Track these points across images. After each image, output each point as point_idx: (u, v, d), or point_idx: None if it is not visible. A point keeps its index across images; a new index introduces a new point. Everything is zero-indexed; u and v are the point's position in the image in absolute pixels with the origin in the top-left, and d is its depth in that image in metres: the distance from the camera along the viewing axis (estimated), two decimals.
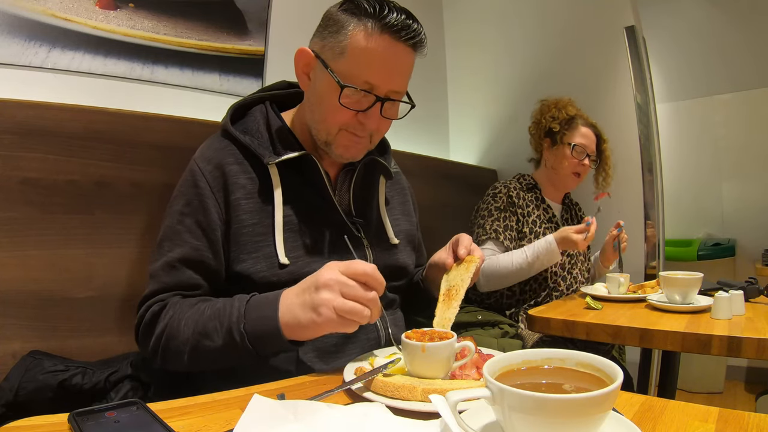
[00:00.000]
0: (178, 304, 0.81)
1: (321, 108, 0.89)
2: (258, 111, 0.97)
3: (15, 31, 1.13)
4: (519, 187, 1.83)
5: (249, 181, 0.89)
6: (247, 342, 0.73)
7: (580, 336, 1.20)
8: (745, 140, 3.12)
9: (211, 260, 0.86)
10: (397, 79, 0.87)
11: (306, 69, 0.91)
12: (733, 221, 3.15)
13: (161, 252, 0.86)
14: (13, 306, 0.98)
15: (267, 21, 1.64)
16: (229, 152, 0.90)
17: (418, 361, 0.67)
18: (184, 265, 0.84)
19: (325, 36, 0.86)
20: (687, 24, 3.29)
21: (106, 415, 0.53)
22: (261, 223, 0.87)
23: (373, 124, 0.88)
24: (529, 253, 1.61)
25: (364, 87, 0.84)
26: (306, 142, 0.95)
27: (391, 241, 1.02)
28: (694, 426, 0.53)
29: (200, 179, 0.87)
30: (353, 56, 0.83)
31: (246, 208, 0.87)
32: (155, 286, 0.85)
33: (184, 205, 0.87)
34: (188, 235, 0.85)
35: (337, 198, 0.97)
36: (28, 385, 0.91)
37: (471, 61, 2.65)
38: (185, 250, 0.84)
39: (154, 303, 0.83)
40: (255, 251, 0.86)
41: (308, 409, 0.54)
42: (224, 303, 0.78)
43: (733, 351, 0.99)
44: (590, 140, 1.82)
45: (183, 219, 0.86)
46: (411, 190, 1.18)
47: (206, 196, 0.86)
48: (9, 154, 0.98)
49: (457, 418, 0.44)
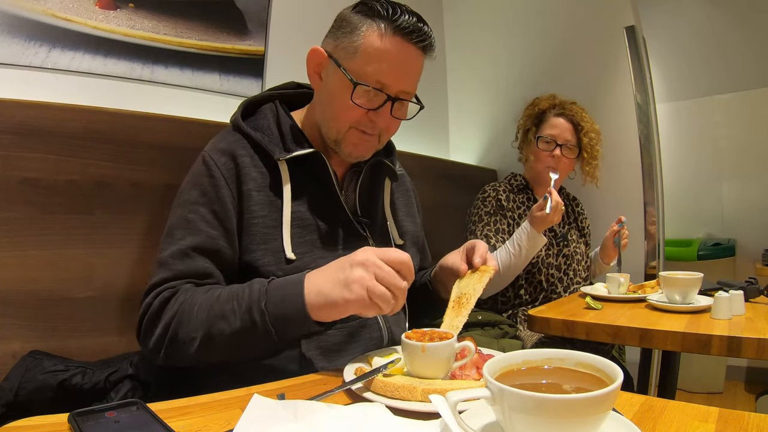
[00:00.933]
0: (191, 291, 0.80)
1: (332, 106, 0.91)
2: (268, 109, 0.98)
3: (15, 31, 1.13)
4: (509, 188, 1.82)
5: (259, 175, 0.90)
6: (268, 322, 0.72)
7: (580, 336, 1.20)
8: (745, 140, 3.12)
9: (227, 249, 0.86)
10: (407, 79, 0.90)
11: (318, 69, 0.93)
12: (733, 221, 3.15)
13: (172, 240, 0.85)
14: (13, 306, 0.98)
15: (267, 21, 1.64)
16: (241, 145, 0.92)
17: (418, 361, 0.67)
18: (198, 254, 0.84)
19: (339, 36, 0.89)
20: (687, 24, 3.29)
21: (106, 415, 0.53)
22: (270, 216, 0.89)
23: (383, 122, 0.91)
24: (511, 247, 1.59)
25: (376, 86, 0.87)
26: (315, 141, 0.97)
27: (396, 242, 1.03)
28: (694, 426, 0.53)
29: (214, 170, 0.88)
30: (366, 55, 0.86)
31: (257, 200, 0.88)
32: (165, 273, 0.82)
33: (199, 195, 0.87)
34: (203, 224, 0.85)
35: (344, 197, 0.98)
36: (28, 385, 0.91)
37: (471, 61, 2.65)
38: (200, 239, 0.84)
39: (164, 290, 0.81)
40: (263, 243, 0.87)
41: (308, 409, 0.54)
42: (242, 286, 0.78)
43: (733, 351, 0.99)
44: (561, 129, 1.77)
45: (197, 208, 0.86)
46: (415, 192, 1.19)
47: (221, 186, 0.87)
48: (9, 154, 0.98)
49: (457, 418, 0.44)
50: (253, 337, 0.74)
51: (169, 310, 0.79)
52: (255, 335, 0.74)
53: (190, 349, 0.76)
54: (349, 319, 0.90)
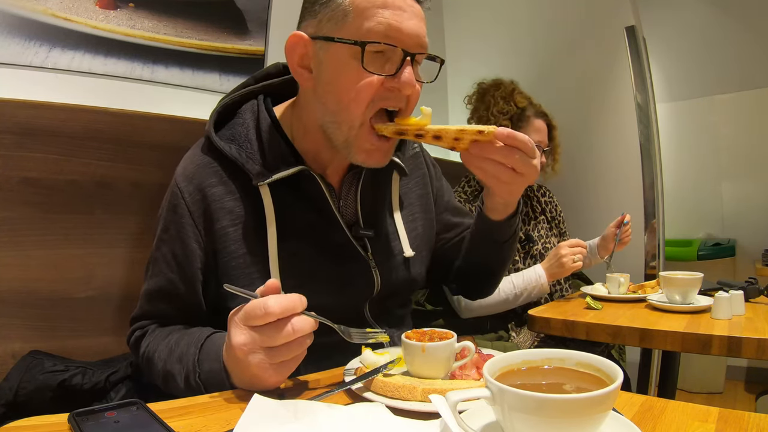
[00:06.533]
0: (154, 334, 0.81)
1: (337, 94, 0.75)
2: (248, 110, 0.85)
3: (15, 31, 1.13)
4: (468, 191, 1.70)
5: (236, 203, 0.79)
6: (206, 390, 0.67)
7: (580, 336, 1.20)
8: (745, 140, 3.13)
9: (184, 294, 0.80)
10: (416, 27, 0.74)
11: (303, 61, 0.78)
12: (733, 221, 3.16)
13: (146, 276, 0.85)
14: (13, 306, 0.98)
15: (267, 21, 1.64)
16: (212, 171, 0.81)
17: (418, 361, 0.67)
18: (158, 296, 0.82)
19: (318, 10, 0.75)
20: (687, 24, 3.29)
21: (106, 415, 0.53)
22: (252, 252, 0.79)
23: (408, 87, 0.74)
24: (516, 283, 1.51)
25: (387, 40, 0.72)
26: (307, 146, 0.84)
27: (406, 254, 0.92)
28: (694, 426, 0.53)
29: (179, 204, 0.80)
30: (360, 11, 0.72)
31: (234, 237, 0.79)
32: (138, 311, 0.86)
33: (162, 231, 0.83)
34: (164, 265, 0.81)
35: (342, 208, 0.87)
36: (28, 385, 0.91)
37: (471, 60, 2.64)
38: (159, 281, 0.82)
39: (137, 329, 0.85)
40: (248, 284, 0.77)
41: (308, 409, 0.54)
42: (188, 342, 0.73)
43: (733, 351, 0.99)
44: (543, 133, 1.67)
45: (160, 246, 0.83)
46: (433, 170, 1.07)
47: (185, 224, 0.79)
48: (9, 154, 0.98)
49: (457, 418, 0.44)
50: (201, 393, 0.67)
51: (141, 349, 0.82)
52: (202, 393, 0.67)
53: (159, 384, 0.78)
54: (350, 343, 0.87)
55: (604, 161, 2.22)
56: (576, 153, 2.22)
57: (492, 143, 0.72)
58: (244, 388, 0.65)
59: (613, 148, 1.94)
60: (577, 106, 2.24)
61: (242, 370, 0.62)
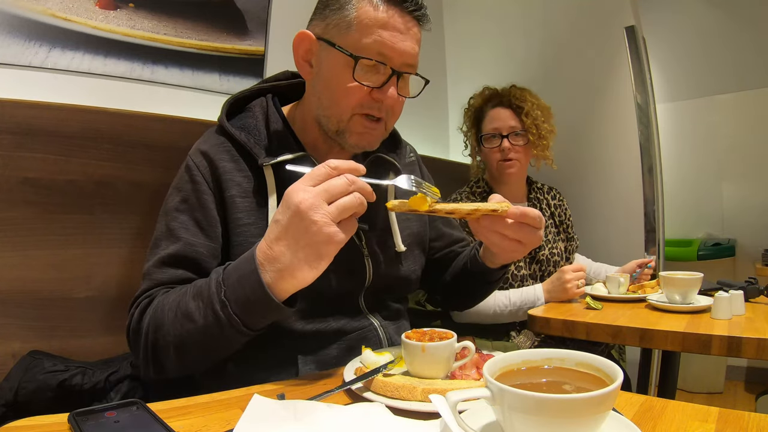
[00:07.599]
0: (165, 294, 0.78)
1: (330, 92, 0.85)
2: (258, 105, 0.94)
3: (15, 31, 1.13)
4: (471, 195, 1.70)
5: (244, 180, 0.86)
6: (231, 311, 0.66)
7: (580, 336, 1.20)
8: (745, 140, 3.13)
9: (207, 258, 0.82)
10: (408, 49, 0.83)
11: (307, 56, 0.87)
12: (733, 221, 3.16)
13: (156, 251, 0.83)
14: (13, 306, 0.98)
15: (267, 21, 1.64)
16: (224, 149, 0.87)
17: (418, 361, 0.67)
18: (177, 262, 0.81)
19: (327, 15, 0.83)
20: (687, 24, 3.29)
21: (106, 415, 0.53)
22: (257, 224, 0.84)
23: (390, 101, 0.84)
24: (513, 300, 1.50)
25: (378, 58, 0.81)
26: (307, 138, 0.92)
27: (398, 249, 0.96)
28: (694, 426, 0.53)
29: (196, 174, 0.85)
30: (362, 27, 0.80)
31: (242, 207, 0.84)
32: (147, 284, 0.81)
33: (180, 202, 0.85)
34: (184, 232, 0.82)
35: None
36: (28, 385, 0.91)
37: (471, 60, 2.65)
38: (179, 246, 0.81)
39: (143, 299, 0.80)
40: None
41: (308, 409, 0.54)
42: (204, 280, 0.73)
43: (733, 351, 0.99)
44: (502, 119, 1.66)
45: (178, 216, 0.84)
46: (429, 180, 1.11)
47: (204, 191, 0.84)
48: (9, 154, 0.98)
49: (457, 418, 0.44)
50: (222, 333, 0.68)
51: (146, 317, 0.77)
52: (224, 331, 0.68)
53: (169, 355, 0.74)
54: (346, 333, 0.88)
55: (604, 161, 2.22)
56: (576, 153, 2.22)
57: (503, 218, 0.78)
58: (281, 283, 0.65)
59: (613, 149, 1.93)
60: (577, 107, 2.24)
61: (297, 238, 0.64)
